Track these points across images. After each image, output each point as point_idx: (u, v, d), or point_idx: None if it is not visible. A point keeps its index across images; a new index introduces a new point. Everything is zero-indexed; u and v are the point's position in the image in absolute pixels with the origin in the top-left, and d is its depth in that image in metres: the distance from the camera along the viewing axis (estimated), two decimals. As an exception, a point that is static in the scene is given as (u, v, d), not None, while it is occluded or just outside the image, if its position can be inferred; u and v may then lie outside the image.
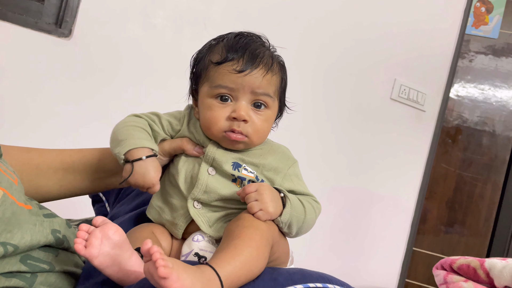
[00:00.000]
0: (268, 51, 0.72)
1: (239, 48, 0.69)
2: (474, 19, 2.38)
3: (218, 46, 0.71)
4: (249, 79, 0.67)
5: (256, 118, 0.69)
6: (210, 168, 0.69)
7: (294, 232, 0.69)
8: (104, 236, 0.54)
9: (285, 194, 0.66)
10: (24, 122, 1.37)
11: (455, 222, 2.39)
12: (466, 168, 2.39)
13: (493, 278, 1.13)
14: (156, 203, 0.73)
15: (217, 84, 0.68)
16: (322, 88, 1.78)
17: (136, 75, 1.49)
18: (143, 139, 0.68)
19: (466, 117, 2.39)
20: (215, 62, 0.69)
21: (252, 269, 0.57)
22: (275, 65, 0.71)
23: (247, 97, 0.68)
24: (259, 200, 0.63)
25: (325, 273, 0.62)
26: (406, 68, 1.89)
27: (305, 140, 1.77)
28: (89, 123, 1.42)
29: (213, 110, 0.69)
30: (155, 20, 1.51)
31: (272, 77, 0.70)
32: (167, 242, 0.70)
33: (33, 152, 0.76)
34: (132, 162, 0.66)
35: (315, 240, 1.83)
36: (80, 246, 0.53)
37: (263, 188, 0.64)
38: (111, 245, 0.54)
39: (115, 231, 0.55)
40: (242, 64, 0.67)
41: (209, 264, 0.53)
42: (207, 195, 0.68)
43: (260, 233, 0.60)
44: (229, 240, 0.58)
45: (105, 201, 0.93)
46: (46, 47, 1.38)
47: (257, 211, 0.62)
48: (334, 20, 1.76)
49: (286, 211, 0.65)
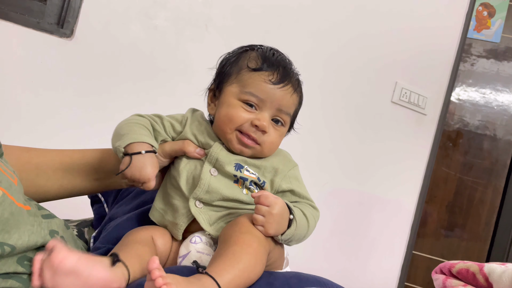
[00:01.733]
0: (296, 74, 0.76)
1: (275, 61, 0.72)
2: (476, 23, 2.38)
3: (254, 53, 0.74)
4: (280, 94, 0.71)
5: (273, 132, 0.72)
6: (212, 169, 0.70)
7: (292, 243, 0.69)
8: (51, 267, 0.52)
9: (294, 216, 0.66)
10: (25, 121, 1.37)
11: (455, 226, 2.39)
12: (466, 172, 2.38)
13: (492, 283, 1.13)
14: (158, 205, 0.74)
15: (249, 91, 0.70)
16: (323, 91, 1.78)
17: (138, 76, 1.49)
18: (144, 135, 0.69)
19: (467, 121, 2.39)
20: (252, 67, 0.71)
21: (251, 276, 0.57)
22: (299, 88, 0.76)
23: (271, 111, 0.71)
24: (266, 218, 0.62)
25: (321, 277, 0.61)
26: (407, 71, 1.89)
27: (304, 143, 1.76)
28: (90, 123, 1.42)
29: (237, 109, 0.70)
30: (156, 21, 1.51)
31: (296, 98, 0.75)
32: (166, 244, 0.70)
33: (33, 152, 0.76)
34: (131, 155, 0.66)
35: (315, 243, 1.83)
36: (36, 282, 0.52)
37: (276, 207, 0.63)
38: (62, 273, 0.52)
39: (62, 259, 0.52)
40: (277, 77, 0.71)
41: (208, 274, 0.53)
42: (209, 195, 0.68)
43: (257, 240, 0.61)
44: (227, 246, 0.59)
45: (103, 202, 0.93)
46: (48, 47, 1.38)
47: (259, 225, 0.62)
48: (335, 24, 1.76)
49: (289, 232, 0.65)
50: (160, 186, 0.75)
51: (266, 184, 0.71)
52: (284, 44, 1.68)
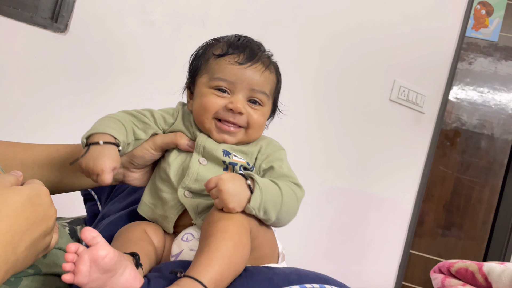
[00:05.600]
0: (265, 53, 0.75)
1: (240, 45, 0.72)
2: (474, 22, 2.38)
3: (220, 42, 0.74)
4: (249, 73, 0.70)
5: (253, 112, 0.71)
6: (201, 158, 0.69)
7: (273, 217, 0.65)
8: (93, 261, 0.49)
9: (254, 179, 0.62)
10: (18, 116, 1.35)
11: (453, 225, 2.38)
12: (464, 171, 2.38)
13: (491, 282, 1.12)
14: (147, 199, 0.72)
15: (217, 76, 0.70)
16: (321, 89, 1.77)
17: (132, 72, 1.47)
18: (110, 127, 0.66)
19: (464, 119, 2.38)
20: (216, 54, 0.71)
21: (234, 260, 0.55)
22: (272, 66, 0.74)
23: (244, 92, 0.70)
24: (219, 198, 0.60)
25: (322, 274, 0.60)
26: (405, 69, 1.88)
27: (301, 141, 1.75)
28: (83, 118, 1.39)
29: (209, 97, 0.70)
30: (152, 17, 1.49)
31: (270, 76, 0.73)
32: (160, 241, 0.69)
33: (19, 147, 0.74)
34: (89, 145, 0.63)
35: (312, 241, 1.82)
36: (67, 276, 0.48)
37: (222, 182, 0.60)
38: (101, 270, 0.49)
39: (106, 255, 0.49)
40: (243, 58, 0.70)
41: (188, 276, 0.52)
42: (198, 183, 0.67)
43: (232, 222, 0.59)
44: (204, 240, 0.57)
45: (97, 200, 0.92)
46: (41, 42, 1.36)
47: (221, 207, 0.60)
48: (334, 21, 1.75)
49: (255, 196, 0.61)
50: (149, 181, 0.74)
51: (254, 169, 0.71)
52: (281, 41, 1.67)
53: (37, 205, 0.48)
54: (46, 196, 0.50)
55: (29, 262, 0.48)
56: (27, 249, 0.46)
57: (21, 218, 0.45)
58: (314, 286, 0.57)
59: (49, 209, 0.49)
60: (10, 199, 0.45)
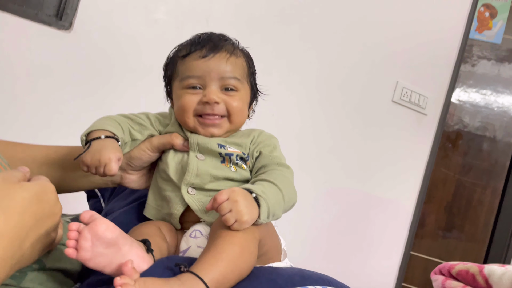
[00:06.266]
0: (228, 41, 0.75)
1: (201, 41, 0.73)
2: (478, 24, 2.37)
3: (183, 45, 0.76)
4: (214, 63, 0.71)
5: (229, 98, 0.71)
6: (198, 154, 0.70)
7: (280, 215, 0.65)
8: (94, 235, 0.50)
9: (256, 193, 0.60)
10: (21, 115, 1.36)
11: (453, 227, 2.38)
12: (465, 173, 2.37)
13: (492, 284, 1.12)
14: (152, 202, 0.73)
15: (186, 75, 0.72)
16: (323, 89, 1.77)
17: (136, 71, 1.47)
18: (108, 125, 0.68)
19: (467, 122, 2.38)
20: (181, 55, 0.73)
21: (239, 265, 0.55)
22: (238, 51, 0.75)
23: (216, 83, 0.71)
24: (233, 210, 0.57)
25: (325, 275, 0.60)
26: (408, 70, 1.87)
27: (303, 141, 1.75)
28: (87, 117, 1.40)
29: (184, 97, 0.71)
30: (156, 15, 1.49)
31: (237, 60, 0.73)
32: (173, 238, 0.69)
33: (18, 147, 0.76)
34: (90, 141, 0.65)
35: (312, 242, 1.82)
36: (70, 250, 0.50)
37: (235, 194, 0.58)
38: (104, 244, 0.50)
39: (106, 229, 0.51)
40: (206, 51, 0.71)
41: (191, 271, 0.52)
42: (200, 178, 0.68)
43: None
44: (212, 240, 0.57)
45: (100, 197, 0.92)
46: (45, 40, 1.36)
47: (233, 223, 0.57)
48: (337, 22, 1.75)
49: (263, 210, 0.59)
50: (151, 183, 0.75)
51: (250, 159, 0.71)
52: (284, 41, 1.67)
53: (44, 202, 0.48)
54: (53, 193, 0.50)
55: (34, 257, 0.49)
56: (33, 244, 0.46)
57: (28, 214, 0.45)
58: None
59: (55, 206, 0.50)
60: (17, 195, 0.46)
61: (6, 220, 0.43)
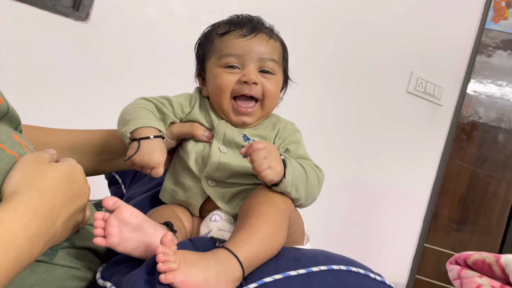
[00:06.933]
0: (266, 25, 0.76)
1: (241, 21, 0.73)
2: (494, 14, 2.34)
3: (221, 24, 0.75)
4: (255, 43, 0.70)
5: (266, 81, 0.71)
6: (221, 146, 0.69)
7: (303, 195, 0.65)
8: (120, 221, 0.52)
9: (284, 155, 0.64)
10: (40, 105, 1.37)
11: (467, 219, 2.36)
12: (480, 165, 2.35)
13: (508, 274, 1.11)
14: (168, 186, 0.73)
15: (225, 53, 0.70)
16: (338, 80, 1.76)
17: (152, 60, 1.48)
18: (151, 120, 0.68)
19: (482, 113, 2.35)
20: (220, 33, 0.72)
21: (271, 244, 0.56)
22: (275, 35, 0.75)
23: (255, 64, 0.70)
24: (267, 158, 0.60)
25: (348, 257, 0.61)
26: (423, 61, 1.86)
27: (318, 131, 1.75)
28: (104, 107, 1.42)
29: (221, 76, 0.70)
30: (172, 6, 1.50)
31: (275, 44, 0.73)
32: (188, 221, 0.70)
33: (41, 131, 0.77)
34: (139, 140, 0.65)
35: (326, 231, 1.82)
36: (99, 239, 0.51)
37: (271, 146, 0.62)
38: (130, 229, 0.52)
39: (131, 214, 0.52)
40: (246, 31, 0.72)
41: (225, 247, 0.53)
42: (220, 172, 0.68)
43: (275, 208, 0.60)
44: (244, 219, 0.58)
45: (121, 183, 0.93)
46: (63, 30, 1.38)
47: (266, 168, 0.59)
48: (351, 12, 1.74)
49: (288, 171, 0.62)
50: (170, 167, 0.75)
51: None
52: (300, 31, 1.67)
53: (73, 182, 0.49)
54: (81, 173, 0.51)
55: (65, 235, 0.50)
56: (64, 223, 0.48)
57: (59, 193, 0.47)
58: (341, 268, 0.58)
59: (83, 186, 0.51)
60: (48, 175, 0.47)
61: (40, 199, 0.44)
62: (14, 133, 0.55)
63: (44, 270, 0.51)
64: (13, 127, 0.58)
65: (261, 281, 0.54)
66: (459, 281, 1.21)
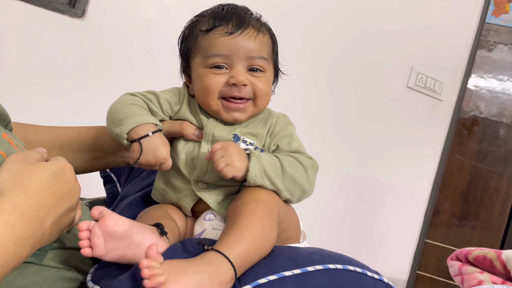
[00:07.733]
0: (253, 16, 0.71)
1: (226, 14, 0.68)
2: (495, 8, 2.32)
3: (204, 17, 0.70)
4: (242, 41, 0.66)
5: (256, 80, 0.67)
6: (210, 147, 0.67)
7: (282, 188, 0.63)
8: (105, 232, 0.50)
9: (250, 151, 0.63)
10: (34, 102, 1.37)
11: (469, 215, 2.35)
12: (481, 160, 2.34)
13: (510, 270, 1.11)
14: (159, 185, 0.72)
15: (211, 53, 0.67)
16: (338, 76, 1.75)
17: (149, 57, 1.47)
18: (145, 116, 0.66)
19: (483, 108, 2.33)
20: (204, 30, 0.68)
21: (262, 242, 0.55)
22: (263, 28, 0.70)
23: (243, 63, 0.67)
24: (224, 156, 0.59)
25: (344, 255, 0.60)
26: (423, 55, 1.85)
27: (317, 127, 1.74)
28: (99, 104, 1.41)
29: (208, 77, 0.67)
30: (168, 2, 1.48)
31: (264, 38, 0.69)
32: (181, 220, 0.69)
33: (29, 128, 0.75)
34: (138, 141, 0.63)
35: (326, 229, 1.82)
36: (86, 250, 0.50)
37: (228, 144, 0.61)
38: (116, 238, 0.51)
39: (115, 224, 0.51)
40: (232, 27, 0.66)
41: (215, 249, 0.52)
42: (210, 175, 0.66)
43: (261, 205, 0.58)
44: (232, 220, 0.57)
45: (116, 182, 0.93)
46: (59, 27, 1.37)
47: (223, 167, 0.59)
48: (351, 7, 1.73)
49: (252, 164, 0.60)
50: None
51: (264, 151, 0.69)
52: (299, 26, 1.65)
53: (62, 181, 0.48)
54: (71, 172, 0.50)
55: (54, 236, 0.49)
56: (53, 223, 0.47)
57: (47, 193, 0.46)
58: (337, 267, 0.57)
59: (73, 186, 0.50)
60: (36, 174, 0.46)
61: (27, 199, 0.43)
62: (3, 131, 0.54)
63: (33, 272, 0.51)
64: (3, 125, 0.58)
65: (255, 283, 0.53)
66: (460, 277, 1.21)
